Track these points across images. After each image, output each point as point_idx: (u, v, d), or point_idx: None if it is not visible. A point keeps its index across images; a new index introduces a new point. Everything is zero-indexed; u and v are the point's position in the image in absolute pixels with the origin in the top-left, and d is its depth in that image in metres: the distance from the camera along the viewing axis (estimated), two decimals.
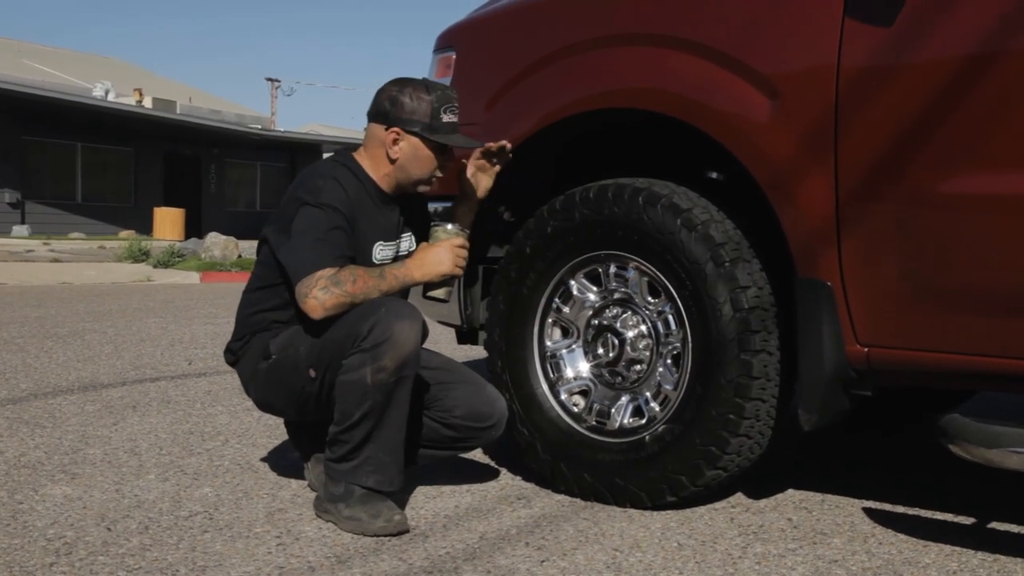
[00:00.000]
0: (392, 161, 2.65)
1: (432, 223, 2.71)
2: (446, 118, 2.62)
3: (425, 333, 2.52)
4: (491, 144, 2.74)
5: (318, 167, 2.72)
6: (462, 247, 2.66)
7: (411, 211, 2.78)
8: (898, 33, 2.27)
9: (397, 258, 2.73)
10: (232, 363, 2.79)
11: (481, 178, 2.79)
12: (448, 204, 2.92)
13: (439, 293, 2.71)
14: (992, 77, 2.18)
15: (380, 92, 2.67)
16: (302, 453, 2.86)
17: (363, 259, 2.64)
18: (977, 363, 2.26)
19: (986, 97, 2.18)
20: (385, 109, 2.64)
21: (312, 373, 2.56)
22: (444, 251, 2.63)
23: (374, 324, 2.43)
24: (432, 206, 2.95)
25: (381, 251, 2.69)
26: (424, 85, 2.65)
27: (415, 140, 2.63)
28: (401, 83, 2.66)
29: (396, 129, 2.62)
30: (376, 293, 2.51)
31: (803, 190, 2.39)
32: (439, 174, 2.69)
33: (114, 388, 4.38)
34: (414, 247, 2.77)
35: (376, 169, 2.68)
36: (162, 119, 24.62)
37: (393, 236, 2.73)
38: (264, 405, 2.78)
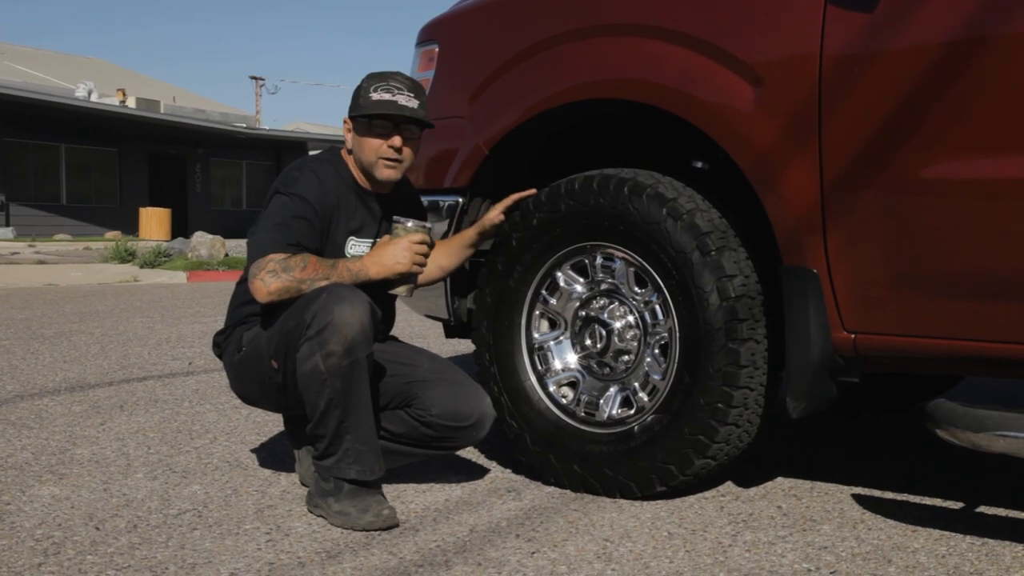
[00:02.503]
0: (350, 152, 2.71)
1: (394, 219, 2.67)
2: (375, 96, 2.63)
3: (375, 315, 2.49)
4: (524, 194, 2.80)
5: (302, 160, 2.74)
6: (421, 243, 2.61)
7: (402, 210, 2.76)
8: (880, 20, 2.27)
9: None
10: (218, 355, 2.81)
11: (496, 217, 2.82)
12: (449, 199, 2.94)
13: (400, 291, 2.67)
14: (974, 62, 2.18)
15: None
16: (295, 441, 2.85)
17: (335, 252, 2.65)
18: (963, 348, 2.27)
19: (969, 82, 2.19)
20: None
21: (275, 364, 2.58)
22: (401, 249, 2.59)
23: (316, 311, 2.43)
24: (436, 200, 2.96)
25: (354, 246, 2.70)
26: (369, 75, 2.69)
27: (352, 124, 2.69)
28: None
29: (345, 120, 2.70)
30: (324, 282, 2.51)
31: (788, 178, 2.39)
32: (388, 155, 2.64)
33: (101, 388, 4.36)
34: None
35: (351, 165, 2.73)
36: (146, 119, 24.50)
37: (372, 233, 2.73)
38: (243, 397, 2.81)
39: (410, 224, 2.62)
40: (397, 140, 2.64)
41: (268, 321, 2.60)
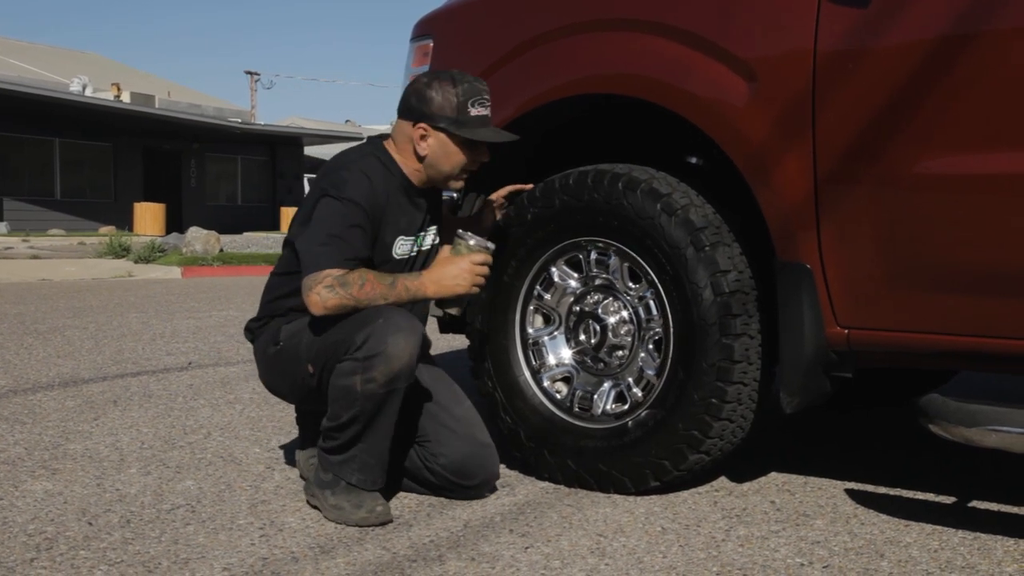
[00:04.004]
0: (421, 158, 2.59)
1: (457, 232, 2.62)
2: (474, 111, 2.54)
3: (426, 346, 2.49)
4: (521, 186, 2.82)
5: (346, 156, 2.64)
6: (483, 264, 2.57)
7: (434, 204, 2.74)
8: (873, 15, 2.27)
9: (418, 253, 2.68)
10: (250, 340, 2.77)
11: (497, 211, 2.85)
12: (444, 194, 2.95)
13: (453, 310, 2.67)
14: (967, 58, 2.19)
15: (408, 87, 2.63)
16: (302, 440, 2.85)
17: (383, 252, 2.59)
18: (956, 343, 2.28)
19: (961, 78, 2.19)
20: (412, 105, 2.58)
21: (311, 369, 2.54)
22: (463, 271, 2.54)
23: (369, 335, 2.39)
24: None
25: (401, 245, 2.64)
26: (451, 78, 2.57)
27: (442, 136, 2.56)
28: (429, 77, 2.61)
29: (423, 125, 2.56)
30: (382, 301, 2.47)
31: (782, 173, 2.39)
32: (472, 168, 2.62)
33: (95, 383, 4.35)
34: (437, 241, 2.73)
35: (406, 164, 2.62)
36: (141, 114, 24.44)
37: (416, 230, 2.67)
38: (270, 388, 2.78)
39: (472, 243, 2.56)
40: (487, 156, 2.63)
41: (314, 325, 2.54)
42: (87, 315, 7.11)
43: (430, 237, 2.72)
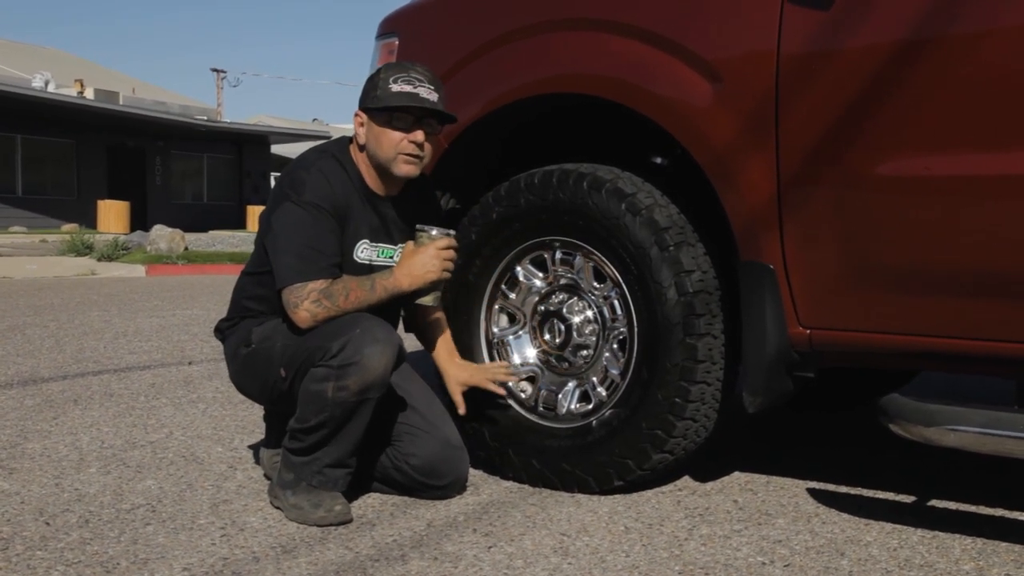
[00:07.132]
0: (363, 148, 2.59)
1: (417, 227, 2.59)
2: (396, 87, 2.51)
3: (401, 357, 2.48)
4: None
5: (307, 156, 2.62)
6: (448, 249, 2.56)
7: (410, 218, 2.67)
8: (836, 17, 2.29)
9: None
10: (220, 340, 2.75)
11: None
12: None
13: (427, 300, 2.62)
14: (928, 60, 2.21)
15: None
16: (267, 439, 2.83)
17: (344, 256, 2.57)
18: (917, 343, 2.30)
19: (923, 80, 2.21)
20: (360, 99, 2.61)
21: (283, 372, 2.53)
22: (430, 257, 2.53)
23: (345, 344, 2.38)
24: None
25: (364, 251, 2.60)
26: (386, 65, 2.58)
27: (366, 117, 2.57)
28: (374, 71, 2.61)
29: (357, 113, 2.59)
30: (365, 306, 2.48)
31: (745, 174, 2.41)
32: (409, 150, 2.54)
33: (55, 382, 4.29)
34: None
35: (360, 162, 2.61)
36: (105, 110, 24.15)
37: (382, 238, 2.64)
38: (240, 388, 2.75)
39: (434, 232, 2.56)
40: (420, 135, 2.54)
41: (287, 329, 2.52)
42: (48, 313, 7.01)
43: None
